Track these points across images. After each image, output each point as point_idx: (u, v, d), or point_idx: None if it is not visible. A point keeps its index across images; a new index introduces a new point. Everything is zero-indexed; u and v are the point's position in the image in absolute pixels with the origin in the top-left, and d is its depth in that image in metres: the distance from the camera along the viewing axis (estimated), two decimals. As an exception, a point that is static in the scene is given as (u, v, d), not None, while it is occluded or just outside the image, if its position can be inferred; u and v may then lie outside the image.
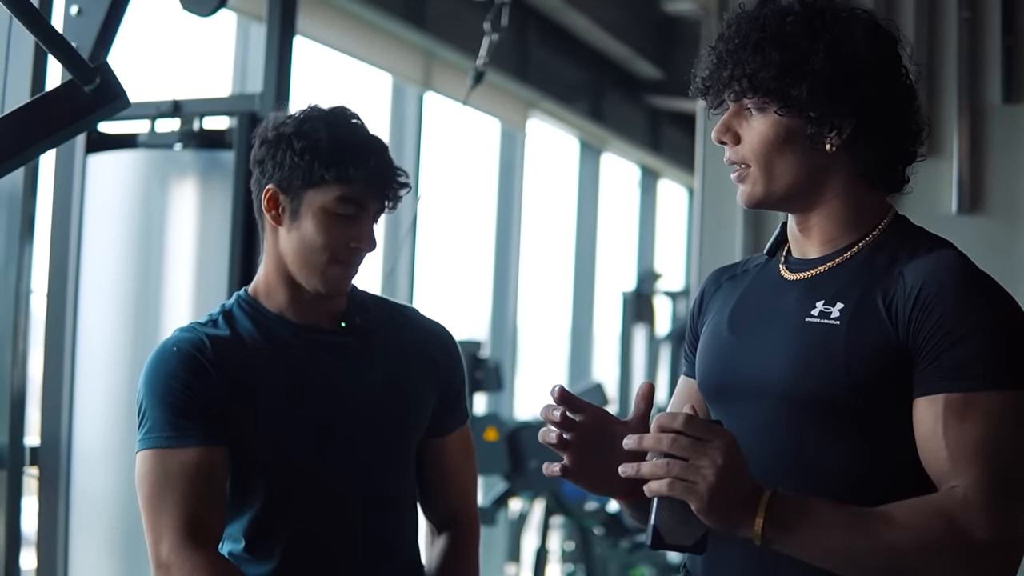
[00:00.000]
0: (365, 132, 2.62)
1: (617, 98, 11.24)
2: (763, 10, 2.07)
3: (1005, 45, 4.67)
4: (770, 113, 2.04)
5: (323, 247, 2.55)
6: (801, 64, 2.00)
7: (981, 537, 1.84)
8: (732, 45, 2.05)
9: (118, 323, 4.29)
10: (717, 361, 2.17)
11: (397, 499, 2.70)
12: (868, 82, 2.03)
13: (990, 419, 1.89)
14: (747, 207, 2.14)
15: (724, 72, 2.06)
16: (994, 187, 4.66)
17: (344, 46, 7.56)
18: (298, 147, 2.54)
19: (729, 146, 2.10)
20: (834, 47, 2.01)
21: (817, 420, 2.01)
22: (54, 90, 2.45)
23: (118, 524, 4.19)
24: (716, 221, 5.12)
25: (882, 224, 2.10)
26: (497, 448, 6.82)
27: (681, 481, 1.81)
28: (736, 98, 2.07)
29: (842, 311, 2.01)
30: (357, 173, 2.54)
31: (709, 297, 2.31)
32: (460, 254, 9.75)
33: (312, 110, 2.61)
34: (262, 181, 2.60)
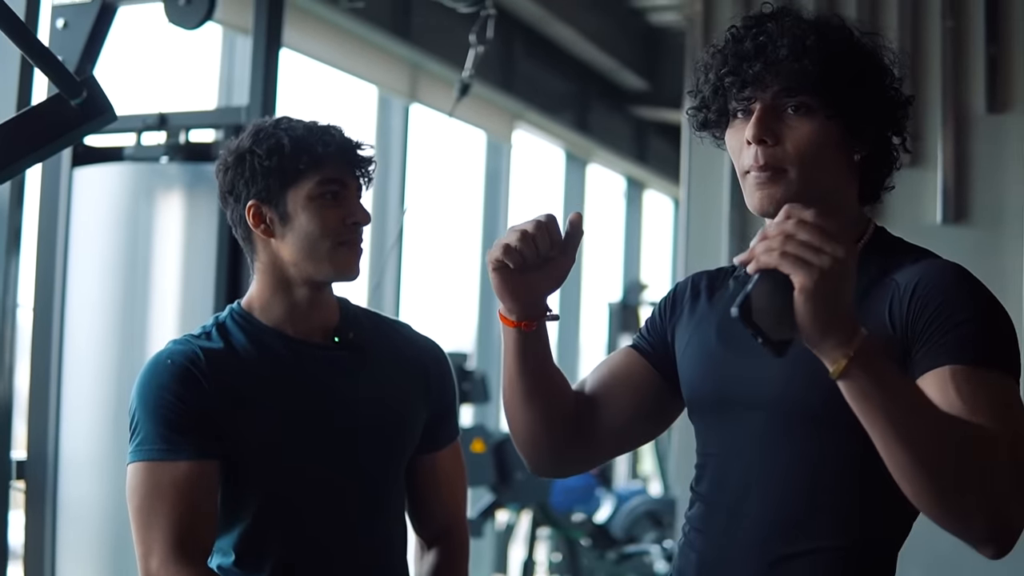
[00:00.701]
0: (315, 121, 2.64)
1: (603, 109, 11.25)
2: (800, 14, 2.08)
3: (989, 54, 4.69)
4: (817, 115, 2.02)
5: (323, 233, 2.56)
6: (859, 71, 2.02)
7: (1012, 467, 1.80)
8: (787, 40, 2.02)
9: (104, 336, 4.28)
10: (709, 376, 2.15)
11: (388, 513, 2.70)
12: (897, 95, 2.07)
13: (1002, 391, 1.87)
14: (767, 213, 2.05)
15: (773, 68, 2.02)
16: (979, 197, 4.68)
17: (330, 58, 7.56)
18: (263, 153, 2.56)
19: (766, 147, 2.03)
20: (877, 59, 2.05)
21: (816, 429, 2.01)
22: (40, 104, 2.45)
23: (105, 537, 4.19)
24: (701, 232, 5.14)
25: (866, 235, 2.11)
26: (484, 460, 6.83)
27: (796, 258, 1.71)
28: (789, 95, 2.02)
29: None
30: (327, 151, 2.56)
31: (684, 300, 2.29)
32: (446, 265, 9.74)
33: (258, 124, 2.64)
34: (239, 205, 2.61)
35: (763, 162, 2.03)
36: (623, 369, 2.30)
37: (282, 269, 2.61)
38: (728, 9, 5.10)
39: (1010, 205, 4.61)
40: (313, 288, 2.62)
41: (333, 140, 2.59)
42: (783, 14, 2.08)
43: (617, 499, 9.19)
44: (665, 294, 2.36)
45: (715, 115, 2.13)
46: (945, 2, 4.76)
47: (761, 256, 1.73)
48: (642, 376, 2.28)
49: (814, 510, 2.01)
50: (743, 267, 1.78)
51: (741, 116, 2.08)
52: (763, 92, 2.04)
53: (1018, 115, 4.63)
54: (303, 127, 2.60)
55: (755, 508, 2.04)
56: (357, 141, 2.64)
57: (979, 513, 1.80)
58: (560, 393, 2.24)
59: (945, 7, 4.76)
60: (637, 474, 11.76)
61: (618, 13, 10.04)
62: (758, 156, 2.03)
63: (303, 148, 2.56)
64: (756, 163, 2.03)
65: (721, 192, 5.03)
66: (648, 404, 2.28)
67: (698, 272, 2.35)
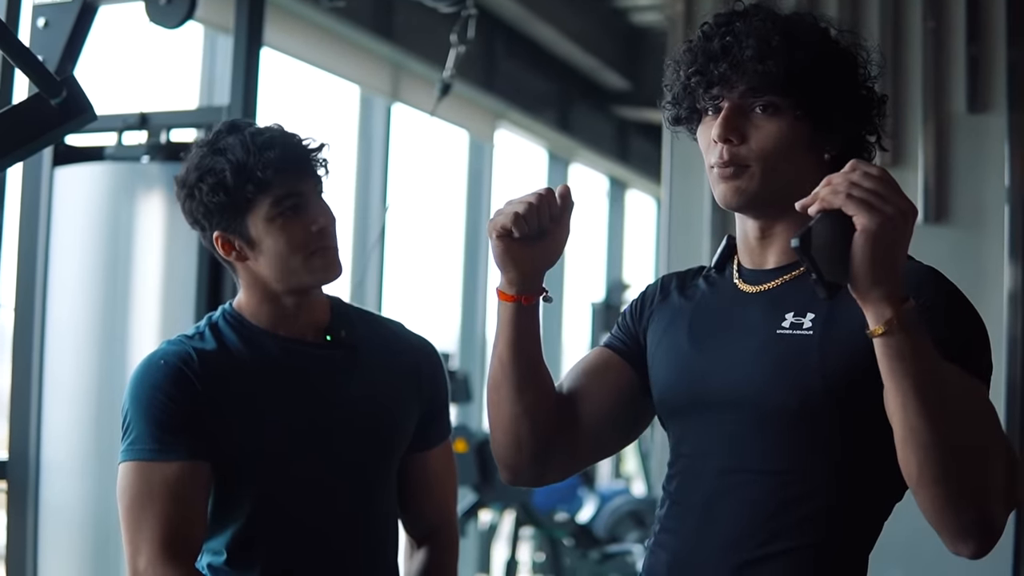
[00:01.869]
0: (256, 131, 2.60)
1: (585, 109, 11.26)
2: (770, 12, 2.09)
3: (970, 54, 4.70)
4: (784, 114, 2.03)
5: (291, 250, 2.56)
6: (826, 70, 2.02)
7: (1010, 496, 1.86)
8: (752, 41, 2.03)
9: (86, 336, 4.27)
10: (681, 377, 2.15)
11: (379, 512, 2.70)
12: (867, 97, 2.07)
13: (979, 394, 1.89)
14: (733, 205, 2.08)
15: (738, 68, 2.04)
16: (959, 197, 4.68)
17: (312, 58, 7.56)
18: (207, 189, 2.55)
19: (731, 145, 2.05)
20: (849, 58, 2.06)
21: (792, 428, 2.01)
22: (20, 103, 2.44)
23: (88, 538, 4.18)
24: (683, 231, 5.14)
25: None
26: (466, 460, 6.83)
27: (862, 200, 1.73)
28: (755, 95, 2.04)
29: (814, 321, 2.01)
30: (268, 173, 2.53)
31: (654, 302, 2.29)
32: (429, 265, 9.74)
33: (199, 146, 2.62)
34: (207, 233, 2.61)
35: (726, 159, 2.05)
36: (599, 367, 2.29)
37: (265, 284, 2.61)
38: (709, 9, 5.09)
39: (990, 205, 4.62)
40: (299, 294, 2.62)
41: (273, 156, 2.54)
42: (754, 12, 2.09)
43: (600, 499, 9.19)
44: (635, 297, 2.36)
45: (686, 112, 2.15)
46: (926, 2, 4.77)
47: (827, 196, 1.75)
48: (618, 373, 2.28)
49: (786, 511, 2.01)
50: (804, 210, 1.79)
51: (711, 113, 2.10)
52: (730, 92, 2.05)
53: (999, 115, 4.64)
54: (241, 147, 2.55)
55: (727, 508, 2.05)
56: (299, 139, 2.61)
57: (974, 502, 1.81)
58: (547, 385, 2.22)
59: (926, 7, 4.77)
60: (620, 474, 11.78)
61: (600, 13, 10.05)
62: (723, 153, 2.05)
63: (245, 176, 2.53)
64: (720, 160, 2.06)
65: (703, 192, 5.03)
66: (626, 401, 2.26)
67: (667, 274, 2.36)
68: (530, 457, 2.24)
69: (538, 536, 7.89)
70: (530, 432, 2.21)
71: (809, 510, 1.93)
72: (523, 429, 2.20)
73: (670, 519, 2.18)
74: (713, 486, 2.08)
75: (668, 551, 2.15)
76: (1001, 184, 4.59)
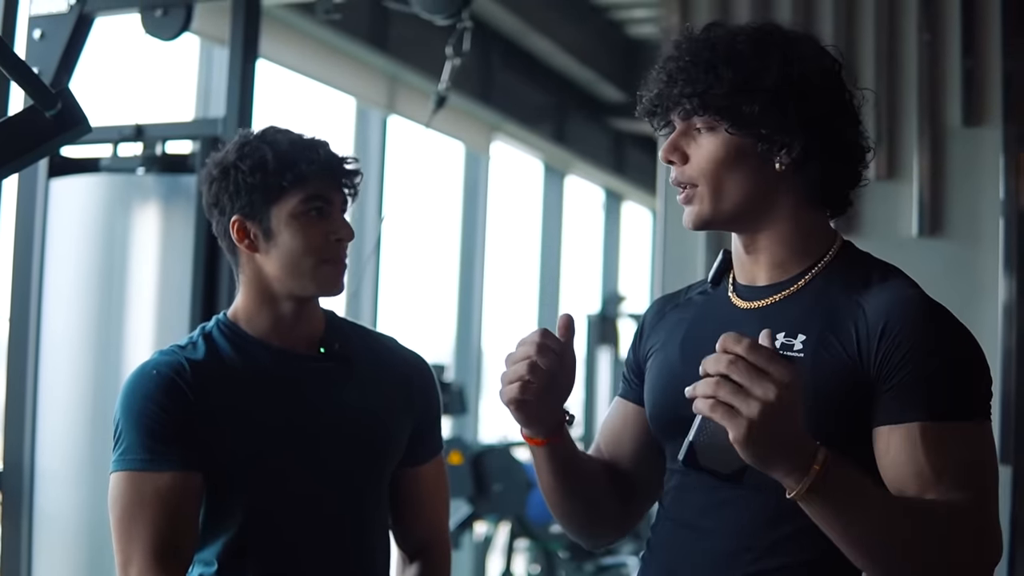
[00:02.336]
0: (300, 135, 2.63)
1: (581, 121, 11.27)
2: (712, 31, 2.08)
3: (965, 67, 4.70)
4: (720, 132, 2.03)
5: (306, 251, 2.56)
6: (752, 81, 2.00)
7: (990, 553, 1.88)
8: (682, 63, 2.05)
9: (81, 346, 4.27)
10: (671, 392, 2.13)
11: (371, 526, 2.70)
12: (818, 100, 2.02)
13: (970, 444, 1.91)
14: (694, 228, 2.11)
15: (674, 90, 2.05)
16: (954, 210, 4.69)
17: (308, 70, 7.57)
18: (247, 168, 2.56)
19: (676, 166, 2.08)
20: (785, 66, 2.01)
21: None
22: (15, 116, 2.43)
23: (82, 547, 4.17)
24: (679, 244, 5.14)
25: (831, 251, 2.10)
26: (461, 472, 6.83)
27: (725, 406, 1.72)
28: (686, 116, 2.06)
29: (805, 343, 2.00)
30: (311, 169, 2.56)
31: (651, 326, 2.31)
32: (424, 277, 9.74)
33: (244, 135, 2.63)
34: (224, 218, 2.61)
35: (674, 176, 2.10)
36: (619, 423, 2.33)
37: (266, 283, 2.61)
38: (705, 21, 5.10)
39: (985, 218, 4.62)
40: (298, 302, 2.62)
41: (318, 156, 2.58)
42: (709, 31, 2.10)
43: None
44: (634, 333, 2.38)
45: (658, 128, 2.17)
46: (921, 15, 4.78)
47: (698, 403, 1.75)
48: (636, 420, 2.30)
49: (779, 526, 1.99)
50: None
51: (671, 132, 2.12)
52: (674, 113, 2.08)
53: (994, 128, 4.64)
54: (288, 141, 2.58)
55: (720, 524, 2.04)
56: (342, 156, 2.64)
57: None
58: (596, 478, 2.27)
59: (921, 20, 4.77)
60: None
61: (596, 25, 10.06)
62: (671, 173, 2.10)
63: (287, 165, 2.55)
64: (672, 179, 2.10)
65: (698, 204, 5.03)
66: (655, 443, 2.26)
67: (660, 296, 2.38)
68: (603, 528, 2.36)
69: (533, 548, 7.89)
70: (596, 515, 2.31)
71: (803, 525, 1.92)
72: (587, 517, 2.31)
73: (663, 533, 2.18)
74: (706, 501, 2.07)
75: (661, 565, 2.15)
76: (996, 197, 4.60)
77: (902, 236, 4.64)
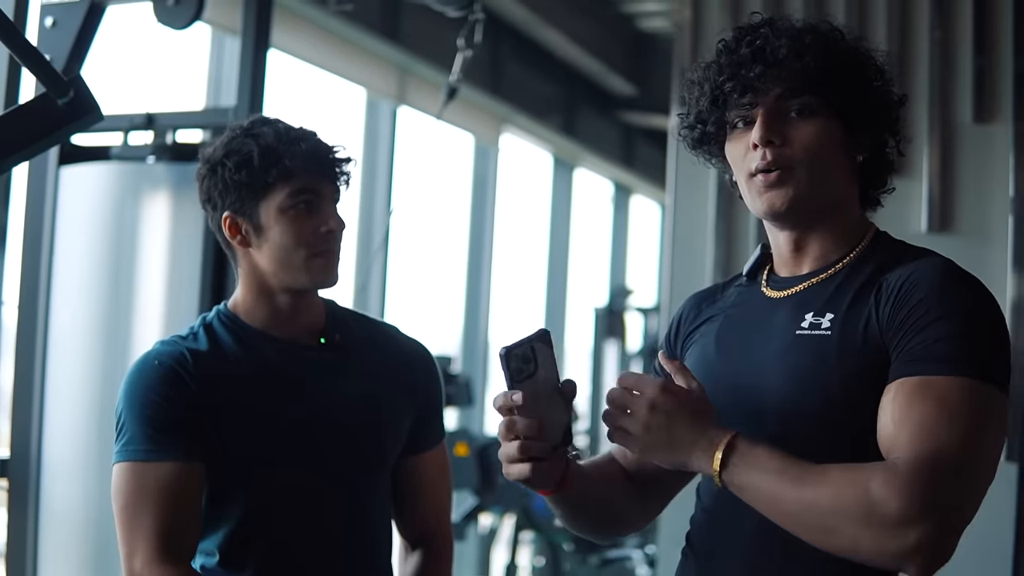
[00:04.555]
0: (290, 126, 2.63)
1: (590, 114, 11.26)
2: (787, 22, 2.10)
3: (976, 64, 4.70)
4: (821, 115, 2.04)
5: (296, 245, 2.57)
6: (858, 70, 2.05)
7: (892, 510, 1.78)
8: (784, 41, 2.04)
9: (89, 335, 4.27)
10: (706, 384, 2.11)
11: (373, 515, 2.70)
12: (888, 95, 2.10)
13: (941, 402, 1.86)
14: (778, 213, 2.07)
15: (776, 68, 2.03)
16: (964, 206, 4.68)
17: (319, 60, 7.56)
18: (232, 166, 2.56)
19: (773, 147, 2.04)
20: (871, 59, 2.09)
21: (813, 431, 2.00)
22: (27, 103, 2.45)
23: (88, 537, 4.18)
24: (688, 237, 5.13)
25: (866, 238, 2.12)
26: (467, 463, 6.82)
27: (620, 429, 1.94)
28: (792, 95, 2.04)
29: (832, 320, 2.01)
30: (295, 163, 2.56)
31: (688, 322, 2.30)
32: (432, 268, 9.74)
33: (232, 129, 2.64)
34: (216, 214, 2.61)
35: (771, 159, 2.04)
36: None
37: (262, 276, 2.61)
38: (716, 15, 5.11)
39: (995, 215, 4.62)
40: (294, 294, 2.63)
41: (302, 149, 2.57)
42: (777, 20, 2.10)
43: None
44: (668, 326, 2.38)
45: (713, 127, 2.13)
46: (934, 13, 4.77)
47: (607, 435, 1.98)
48: None
49: None
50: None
51: (741, 126, 2.09)
52: (764, 96, 2.05)
53: (1004, 125, 4.64)
54: (274, 134, 2.58)
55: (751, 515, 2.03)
56: (330, 145, 2.64)
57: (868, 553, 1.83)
58: (610, 490, 2.29)
59: (933, 18, 4.77)
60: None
61: (606, 18, 10.05)
62: (766, 155, 2.05)
63: (272, 160, 2.55)
64: (764, 162, 2.05)
65: (707, 198, 5.03)
66: None
67: (693, 294, 2.37)
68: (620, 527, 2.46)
69: (538, 540, 7.88)
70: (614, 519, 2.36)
71: None
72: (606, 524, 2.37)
73: (698, 524, 2.20)
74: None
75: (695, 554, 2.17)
76: (1006, 194, 4.59)
77: (911, 232, 4.63)
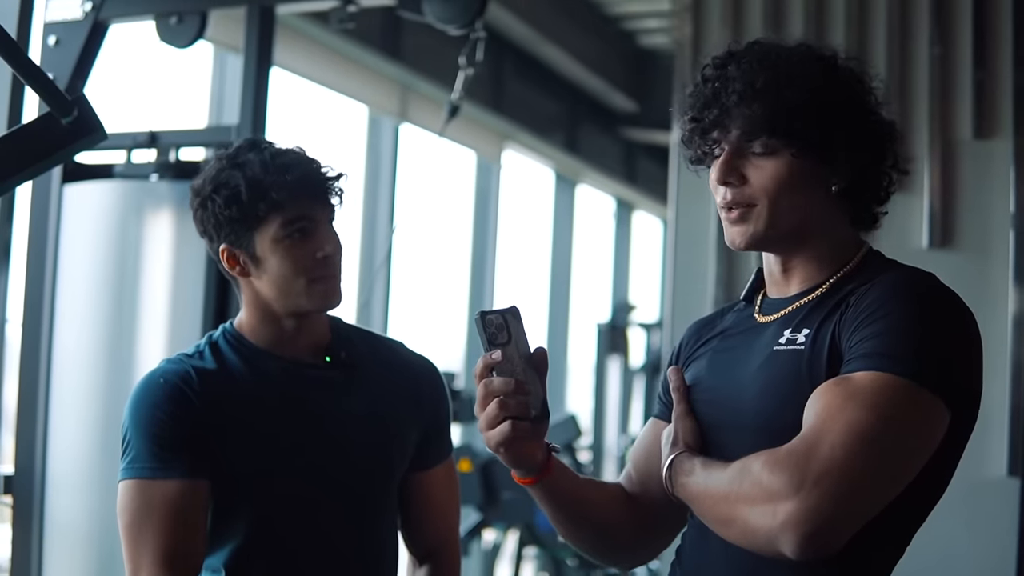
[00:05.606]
0: (276, 151, 2.61)
1: (592, 130, 11.28)
2: (762, 50, 2.08)
3: (976, 80, 4.71)
4: (783, 154, 2.02)
5: (295, 273, 2.56)
6: (820, 106, 2.01)
7: (766, 486, 1.82)
8: (737, 85, 2.03)
9: (93, 352, 4.28)
10: (700, 403, 2.15)
11: (379, 531, 2.70)
12: (867, 123, 2.05)
13: (850, 392, 1.85)
14: (744, 247, 2.09)
15: (727, 114, 2.04)
16: (965, 222, 4.69)
17: (321, 78, 7.58)
18: (221, 202, 2.55)
19: (733, 187, 2.06)
20: (847, 89, 2.04)
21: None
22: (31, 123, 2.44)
23: (92, 553, 4.18)
24: (690, 253, 5.14)
25: (855, 260, 2.11)
26: (471, 479, 6.83)
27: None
28: (747, 138, 2.04)
29: (807, 336, 2.01)
30: (282, 194, 2.54)
31: (690, 349, 2.30)
32: (435, 284, 9.75)
33: (218, 159, 2.62)
34: (214, 245, 2.62)
35: (730, 199, 2.07)
36: (652, 441, 2.30)
37: (265, 303, 2.61)
38: (717, 31, 5.12)
39: (996, 230, 4.63)
40: (299, 317, 2.62)
41: (289, 180, 2.55)
42: (746, 52, 2.09)
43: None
44: (671, 355, 2.38)
45: (697, 154, 2.14)
46: (933, 28, 4.78)
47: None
48: None
49: None
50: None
51: (716, 155, 2.10)
52: (726, 135, 2.06)
53: (1004, 141, 4.65)
54: (259, 164, 2.56)
55: None
56: (318, 166, 2.62)
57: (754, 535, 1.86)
58: (606, 505, 2.28)
59: (933, 33, 4.78)
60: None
61: (608, 35, 10.07)
62: (726, 195, 2.07)
63: (259, 194, 2.54)
64: (724, 201, 2.08)
65: (709, 214, 5.04)
66: None
67: (695, 321, 2.37)
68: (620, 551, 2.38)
69: (542, 556, 7.89)
70: (610, 540, 2.33)
71: None
72: (601, 543, 2.34)
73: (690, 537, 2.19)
74: None
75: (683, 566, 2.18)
76: (1006, 209, 4.60)
77: (912, 248, 4.64)
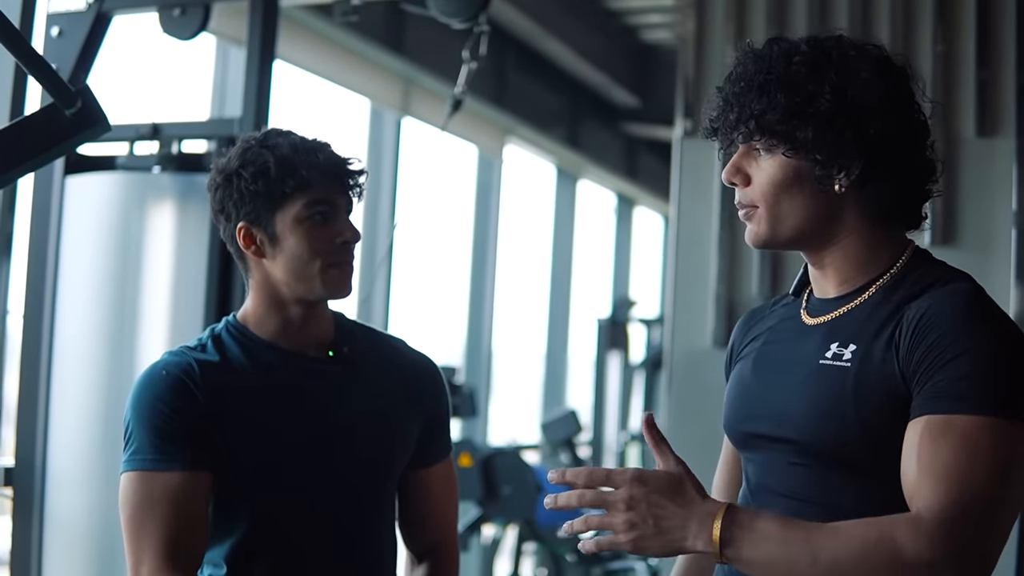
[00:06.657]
0: (303, 137, 2.62)
1: (594, 125, 11.28)
2: (769, 50, 2.06)
3: (979, 78, 4.71)
4: (778, 155, 2.02)
5: (312, 255, 2.56)
6: (806, 106, 1.99)
7: (923, 560, 1.76)
8: (738, 87, 2.04)
9: (94, 344, 4.29)
10: (740, 407, 2.15)
11: (378, 528, 2.70)
12: (876, 122, 2.00)
13: (965, 442, 1.82)
14: (754, 247, 2.12)
15: (731, 114, 2.05)
16: (967, 220, 4.69)
17: (324, 71, 7.58)
18: (249, 176, 2.55)
19: (739, 187, 2.08)
20: (840, 88, 2.00)
21: (832, 465, 1.98)
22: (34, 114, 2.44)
23: (92, 546, 4.19)
24: (691, 248, 5.14)
25: (900, 261, 2.07)
26: (471, 474, 6.83)
27: (606, 536, 1.89)
28: (745, 140, 2.05)
29: (854, 352, 1.99)
30: (312, 173, 2.55)
31: (740, 345, 2.29)
32: (436, 279, 9.75)
33: (246, 140, 2.62)
34: (230, 224, 2.61)
35: (738, 198, 2.09)
36: (733, 460, 2.31)
37: (275, 287, 2.60)
38: (720, 27, 5.12)
39: (998, 228, 4.63)
40: (306, 305, 2.62)
41: (319, 160, 2.57)
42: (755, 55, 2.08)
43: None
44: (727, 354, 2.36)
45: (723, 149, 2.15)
46: (936, 27, 4.78)
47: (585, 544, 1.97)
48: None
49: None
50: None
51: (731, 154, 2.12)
52: (734, 135, 2.08)
53: (1007, 139, 4.65)
54: (289, 145, 2.57)
55: None
56: (345, 157, 2.63)
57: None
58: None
59: (936, 32, 4.78)
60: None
61: (610, 30, 10.07)
62: (736, 195, 2.10)
63: (289, 170, 2.54)
64: (736, 201, 2.11)
65: (711, 210, 5.05)
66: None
67: (746, 313, 2.37)
68: None
69: (541, 551, 7.88)
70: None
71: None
72: None
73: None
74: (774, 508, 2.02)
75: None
76: (1009, 208, 4.60)
77: (914, 245, 4.64)
